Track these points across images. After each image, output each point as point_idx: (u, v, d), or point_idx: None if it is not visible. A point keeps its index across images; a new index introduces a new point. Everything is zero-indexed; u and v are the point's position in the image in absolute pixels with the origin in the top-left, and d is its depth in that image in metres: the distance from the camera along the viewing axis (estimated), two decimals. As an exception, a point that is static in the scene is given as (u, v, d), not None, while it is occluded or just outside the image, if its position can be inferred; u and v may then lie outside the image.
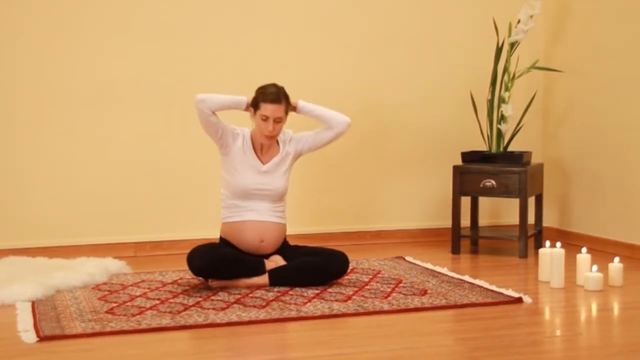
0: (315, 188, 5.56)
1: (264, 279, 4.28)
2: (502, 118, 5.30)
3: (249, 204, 4.39)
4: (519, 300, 4.02)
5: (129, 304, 3.98)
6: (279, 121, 4.33)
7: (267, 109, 4.30)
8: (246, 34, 5.39)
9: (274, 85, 4.38)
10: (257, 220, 4.38)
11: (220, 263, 4.22)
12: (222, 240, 4.46)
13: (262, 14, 5.41)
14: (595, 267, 4.30)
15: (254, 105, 4.36)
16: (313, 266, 4.32)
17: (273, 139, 4.39)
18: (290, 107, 4.42)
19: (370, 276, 4.55)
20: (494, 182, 5.18)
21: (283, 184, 4.44)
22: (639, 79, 5.08)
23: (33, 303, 3.98)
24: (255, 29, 5.40)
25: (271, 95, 4.32)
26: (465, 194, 5.32)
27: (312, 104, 4.49)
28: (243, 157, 4.40)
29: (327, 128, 4.51)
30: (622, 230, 5.20)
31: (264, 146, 4.43)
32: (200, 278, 4.38)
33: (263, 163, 4.42)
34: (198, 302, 3.98)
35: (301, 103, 4.45)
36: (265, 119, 4.31)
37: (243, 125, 4.51)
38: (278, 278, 4.28)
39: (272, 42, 5.43)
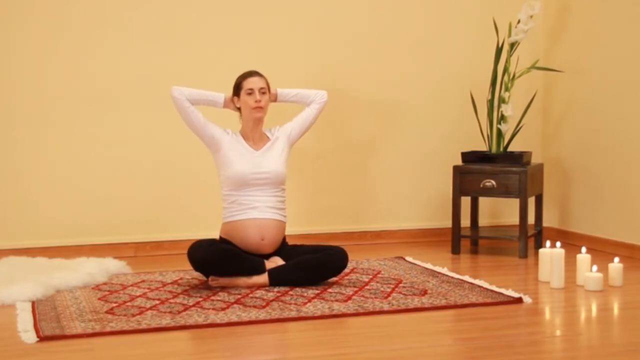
0: (315, 188, 5.56)
1: (263, 278, 4.28)
2: (502, 118, 5.30)
3: (249, 198, 4.39)
4: (519, 300, 4.02)
5: (129, 304, 3.98)
6: (264, 92, 4.47)
7: (249, 82, 4.47)
8: (246, 33, 5.39)
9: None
10: (258, 217, 4.39)
11: (222, 256, 4.23)
12: (222, 239, 4.46)
13: (262, 15, 5.41)
14: (595, 267, 4.30)
15: (236, 91, 4.51)
16: (312, 263, 4.32)
17: (262, 111, 4.47)
18: (270, 88, 4.55)
19: (371, 276, 4.55)
20: (494, 182, 5.18)
21: (280, 166, 4.47)
22: (638, 79, 5.08)
23: (33, 303, 3.98)
24: (255, 29, 5.40)
25: (250, 71, 4.53)
26: (466, 194, 5.32)
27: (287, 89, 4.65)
28: (235, 146, 4.47)
29: (310, 103, 4.66)
30: (622, 230, 5.20)
31: (255, 136, 4.51)
32: (200, 273, 4.39)
33: (254, 150, 4.47)
34: (198, 302, 3.98)
35: (280, 89, 4.61)
36: (251, 91, 4.46)
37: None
38: (278, 277, 4.29)
39: (272, 42, 5.43)
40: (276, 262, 4.38)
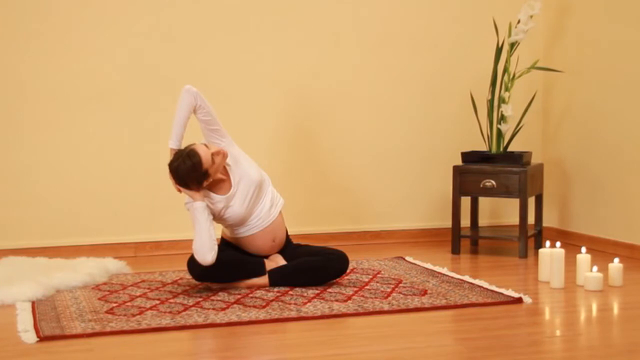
0: (315, 188, 5.56)
1: (264, 279, 4.28)
2: (502, 118, 5.30)
3: (252, 216, 4.36)
4: (519, 300, 4.02)
5: (129, 304, 3.98)
6: (216, 154, 4.14)
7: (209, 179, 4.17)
8: (243, 32, 5.38)
9: (176, 172, 4.19)
10: (265, 226, 4.34)
11: (221, 269, 4.20)
12: (224, 241, 4.44)
13: (259, 13, 5.41)
14: (595, 267, 4.30)
15: (206, 178, 4.18)
16: (313, 266, 4.32)
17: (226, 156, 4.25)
18: (180, 151, 4.24)
19: (370, 276, 4.55)
20: (494, 182, 5.18)
21: (252, 172, 4.30)
22: (638, 79, 5.08)
23: (33, 303, 3.98)
24: (252, 28, 5.40)
25: (188, 175, 4.15)
26: (465, 194, 5.32)
27: (172, 134, 4.30)
28: (219, 205, 4.25)
29: (195, 112, 4.28)
30: (622, 230, 5.20)
31: (214, 181, 4.25)
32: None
33: (228, 189, 4.28)
34: (198, 302, 3.98)
35: (172, 145, 4.30)
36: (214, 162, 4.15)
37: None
38: (278, 278, 4.28)
39: (270, 42, 5.42)
40: (276, 261, 4.38)
